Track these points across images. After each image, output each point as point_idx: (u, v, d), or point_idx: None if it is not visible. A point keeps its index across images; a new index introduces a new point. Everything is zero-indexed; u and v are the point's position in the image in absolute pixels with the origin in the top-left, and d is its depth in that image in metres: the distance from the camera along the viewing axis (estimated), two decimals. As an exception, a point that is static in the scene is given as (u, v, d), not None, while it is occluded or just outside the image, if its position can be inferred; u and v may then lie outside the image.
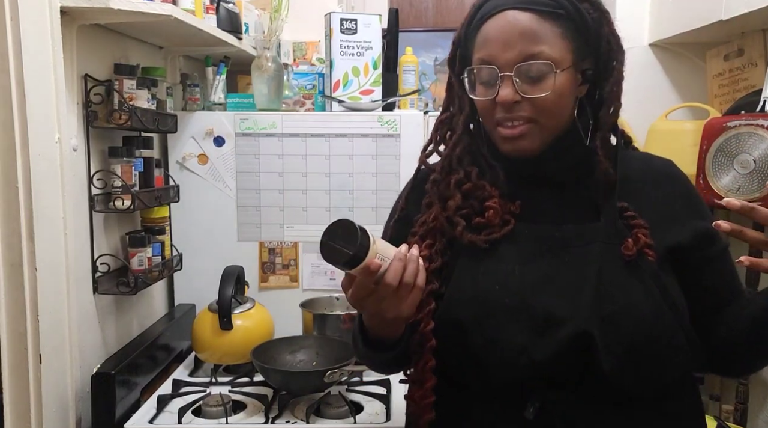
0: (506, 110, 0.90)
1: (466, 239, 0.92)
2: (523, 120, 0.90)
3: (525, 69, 0.87)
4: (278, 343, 1.59)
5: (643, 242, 0.87)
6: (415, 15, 3.03)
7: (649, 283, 0.87)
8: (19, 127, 1.19)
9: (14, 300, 1.22)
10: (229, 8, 1.83)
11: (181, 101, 1.93)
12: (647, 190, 0.95)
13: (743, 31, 1.70)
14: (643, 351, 0.86)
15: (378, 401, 1.48)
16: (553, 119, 0.91)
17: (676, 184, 0.97)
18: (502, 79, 0.88)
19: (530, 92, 0.88)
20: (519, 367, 0.87)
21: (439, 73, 3.06)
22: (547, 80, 0.87)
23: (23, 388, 1.24)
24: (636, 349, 0.85)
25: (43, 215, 1.25)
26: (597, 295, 0.86)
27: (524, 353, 0.86)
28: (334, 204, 1.89)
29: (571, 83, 0.90)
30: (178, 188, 1.81)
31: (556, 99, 0.88)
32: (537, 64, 0.87)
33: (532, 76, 0.87)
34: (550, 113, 0.89)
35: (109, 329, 1.59)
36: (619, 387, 0.87)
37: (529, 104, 0.89)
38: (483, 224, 0.93)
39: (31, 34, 1.20)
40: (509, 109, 0.89)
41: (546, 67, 0.87)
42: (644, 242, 0.87)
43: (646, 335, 0.86)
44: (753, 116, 1.51)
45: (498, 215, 0.92)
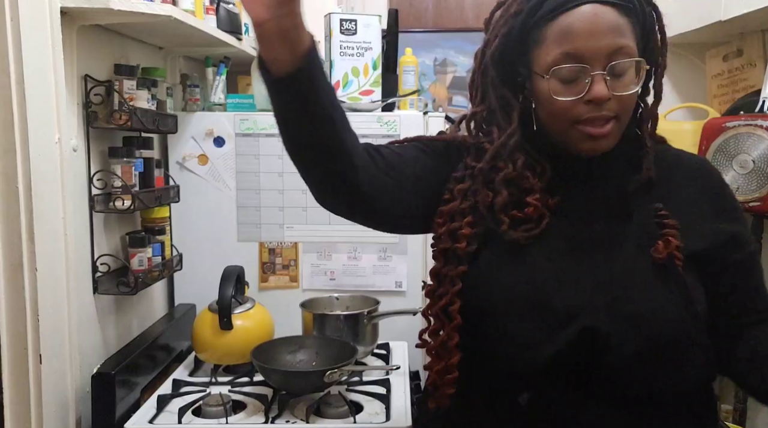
0: (596, 109, 0.86)
1: (510, 237, 0.91)
2: (609, 118, 0.87)
3: (614, 65, 0.85)
4: (278, 343, 1.58)
5: (673, 246, 0.86)
6: (415, 15, 3.03)
7: (674, 287, 0.86)
8: (19, 127, 1.19)
9: (14, 300, 1.23)
10: (229, 9, 1.83)
11: (181, 102, 1.93)
12: (677, 188, 0.94)
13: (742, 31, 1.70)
14: (655, 356, 0.86)
15: (378, 401, 1.48)
16: (629, 114, 0.90)
17: (706, 183, 0.96)
18: (593, 77, 0.85)
19: (618, 89, 0.86)
20: (527, 361, 0.88)
21: (439, 74, 3.06)
22: (630, 75, 0.87)
23: (23, 388, 1.24)
24: (649, 352, 0.85)
25: (43, 215, 1.25)
26: (619, 295, 0.86)
27: (535, 348, 0.87)
28: (334, 204, 1.89)
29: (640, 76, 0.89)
30: (178, 188, 1.81)
31: (636, 95, 0.89)
32: (624, 59, 0.85)
33: (618, 72, 0.86)
34: (630, 108, 0.89)
35: (109, 329, 1.60)
36: (624, 388, 0.87)
37: (616, 101, 0.86)
38: (521, 218, 0.92)
39: (31, 35, 1.20)
40: (599, 107, 0.86)
41: (636, 64, 0.86)
42: (675, 245, 0.86)
43: (663, 340, 0.86)
44: (752, 117, 1.51)
45: (538, 211, 0.91)
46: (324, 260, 1.92)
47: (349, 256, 1.91)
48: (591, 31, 0.85)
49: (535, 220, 0.91)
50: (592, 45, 0.85)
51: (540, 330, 0.87)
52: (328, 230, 1.90)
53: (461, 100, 3.08)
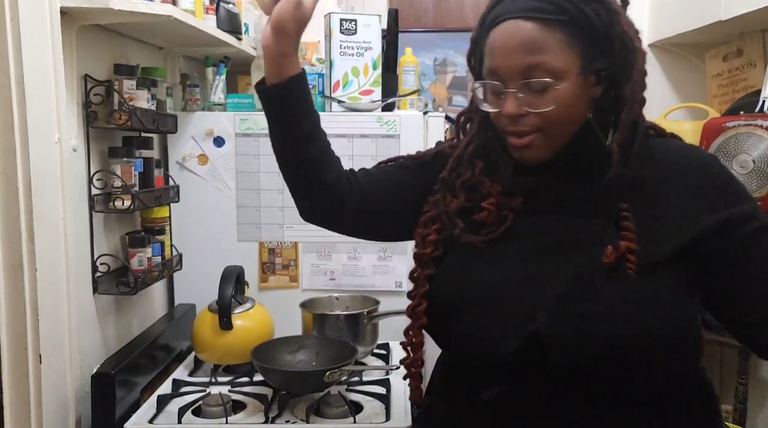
0: (512, 123, 0.90)
1: (464, 240, 0.96)
2: (530, 131, 0.89)
3: (527, 83, 0.87)
4: (278, 343, 1.58)
5: (623, 249, 0.85)
6: (415, 15, 3.03)
7: (627, 290, 0.85)
8: (19, 127, 1.19)
9: (14, 300, 1.23)
10: (229, 8, 1.83)
11: (181, 102, 1.93)
12: (663, 184, 0.91)
13: (742, 31, 1.70)
14: (604, 357, 0.86)
15: (378, 401, 1.48)
16: (561, 127, 0.90)
17: (698, 175, 0.91)
18: (506, 94, 0.88)
19: (534, 106, 0.87)
20: (489, 358, 0.92)
21: (439, 74, 3.06)
22: (551, 93, 0.86)
23: (23, 388, 1.24)
24: (597, 354, 0.85)
25: (43, 215, 1.25)
26: (570, 296, 0.87)
27: (496, 346, 0.90)
28: (334, 204, 1.89)
29: (579, 91, 0.88)
30: (178, 188, 1.81)
31: (562, 110, 0.87)
32: (536, 81, 0.86)
33: (536, 89, 0.87)
34: (556, 123, 0.89)
35: (109, 329, 1.60)
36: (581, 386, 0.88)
37: (535, 116, 0.88)
38: (480, 222, 0.95)
39: (31, 35, 1.20)
40: (515, 121, 0.89)
41: (547, 80, 0.86)
42: (625, 248, 0.85)
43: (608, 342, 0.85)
44: (752, 117, 1.51)
45: (493, 216, 0.94)
46: (324, 260, 1.92)
47: (349, 256, 1.91)
48: (505, 49, 0.87)
49: (497, 223, 0.94)
50: (505, 63, 0.88)
51: (500, 328, 0.90)
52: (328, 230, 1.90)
53: (461, 100, 3.08)
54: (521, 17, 0.86)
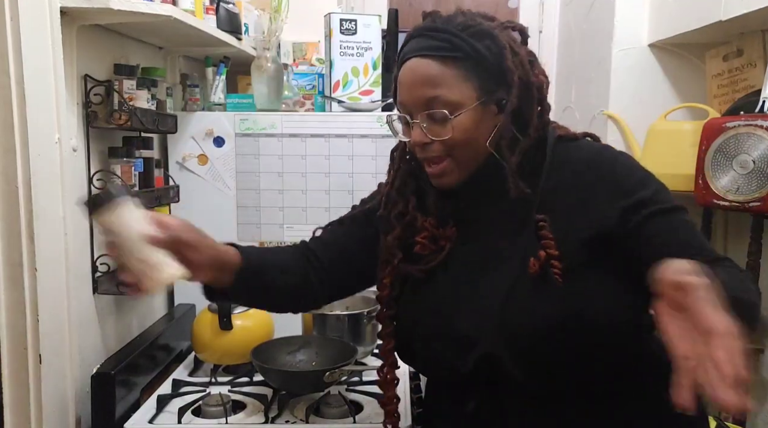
0: (422, 150, 0.97)
1: (404, 271, 1.03)
2: (439, 158, 0.96)
3: (428, 115, 0.94)
4: (278, 343, 1.58)
5: (544, 258, 0.89)
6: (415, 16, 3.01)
7: (556, 295, 0.89)
8: (19, 127, 1.19)
9: (14, 300, 1.23)
10: (229, 9, 1.83)
11: (181, 102, 1.93)
12: (567, 187, 0.95)
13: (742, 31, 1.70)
14: (547, 362, 0.90)
15: (378, 401, 1.48)
16: (466, 152, 0.96)
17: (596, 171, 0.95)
18: (413, 124, 0.97)
19: (437, 135, 0.95)
20: (451, 377, 1.00)
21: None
22: (450, 122, 0.93)
23: (23, 388, 1.24)
24: (540, 361, 0.90)
25: (43, 215, 1.25)
26: (505, 313, 0.91)
27: (453, 367, 0.97)
28: (334, 204, 1.89)
29: (477, 120, 0.94)
30: (178, 188, 1.81)
31: (462, 136, 0.94)
32: (435, 112, 0.94)
33: (436, 119, 0.94)
34: (461, 148, 0.95)
35: (109, 329, 1.60)
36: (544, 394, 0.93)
37: (439, 144, 0.95)
38: (418, 255, 1.01)
39: (31, 35, 1.20)
40: (423, 149, 0.97)
41: (444, 111, 0.93)
42: (545, 256, 0.89)
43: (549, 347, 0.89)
44: (752, 117, 1.51)
45: (427, 248, 1.00)
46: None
47: (349, 256, 1.91)
48: (409, 84, 0.96)
49: (435, 253, 1.00)
50: (409, 96, 0.96)
51: (452, 351, 0.96)
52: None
53: (461, 100, 3.08)
54: (421, 55, 0.95)
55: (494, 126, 0.96)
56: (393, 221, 1.04)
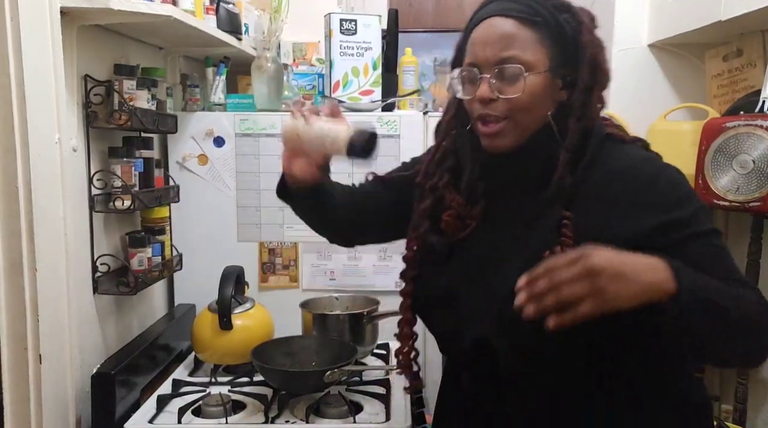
0: (482, 108, 0.97)
1: (428, 241, 1.06)
2: (498, 117, 0.97)
3: (500, 71, 0.95)
4: (278, 343, 1.59)
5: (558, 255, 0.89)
6: (415, 16, 3.03)
7: None
8: (19, 127, 1.19)
9: (14, 300, 1.23)
10: (229, 9, 1.83)
11: (181, 102, 1.93)
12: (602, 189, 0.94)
13: (742, 31, 1.70)
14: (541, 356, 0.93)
15: (378, 401, 1.48)
16: (527, 117, 0.97)
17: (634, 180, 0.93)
18: (481, 79, 0.97)
19: (504, 92, 0.95)
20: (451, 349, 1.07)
21: (439, 74, 3.06)
22: (520, 81, 0.94)
23: (23, 388, 1.24)
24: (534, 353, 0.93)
25: (43, 215, 1.25)
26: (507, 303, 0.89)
27: (453, 341, 1.03)
28: (334, 204, 1.89)
29: (545, 86, 0.96)
30: (178, 188, 1.81)
31: (528, 99, 0.95)
32: (509, 66, 0.94)
33: (507, 77, 0.95)
34: (523, 111, 0.96)
35: (109, 329, 1.60)
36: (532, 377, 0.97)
37: (504, 103, 0.96)
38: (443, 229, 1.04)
39: (31, 35, 1.20)
40: (485, 106, 0.97)
41: (517, 69, 0.94)
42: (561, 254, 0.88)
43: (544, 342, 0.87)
44: (752, 117, 1.51)
45: (451, 225, 1.03)
46: (324, 260, 1.92)
47: (349, 256, 1.91)
48: (484, 41, 0.97)
49: (458, 230, 1.03)
50: (482, 53, 0.97)
51: (453, 328, 1.02)
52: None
53: (461, 101, 3.08)
54: (499, 15, 0.96)
55: (555, 101, 0.97)
56: (426, 192, 1.08)
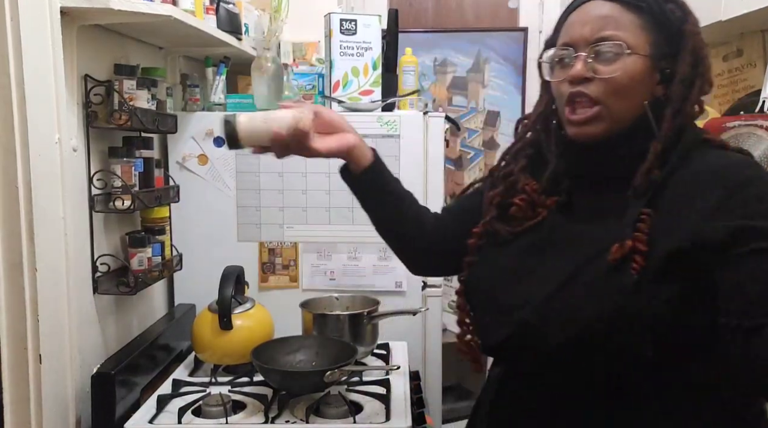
0: (573, 86, 0.93)
1: (492, 228, 1.03)
2: (590, 100, 0.92)
3: (598, 49, 0.91)
4: (278, 343, 1.59)
5: (628, 249, 0.84)
6: (415, 16, 3.03)
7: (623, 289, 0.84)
8: (19, 127, 1.19)
9: (14, 300, 1.23)
10: (229, 9, 1.83)
11: (181, 102, 1.93)
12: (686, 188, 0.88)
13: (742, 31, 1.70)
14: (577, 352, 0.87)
15: (378, 401, 1.48)
16: (621, 103, 0.92)
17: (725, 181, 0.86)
18: (576, 58, 0.93)
19: (600, 72, 0.91)
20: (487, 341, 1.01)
21: (439, 74, 3.06)
22: (619, 62, 0.90)
23: (23, 388, 1.24)
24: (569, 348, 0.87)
25: (43, 215, 1.25)
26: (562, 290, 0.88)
27: (490, 332, 0.98)
28: (334, 204, 1.89)
29: (644, 71, 0.91)
30: (178, 188, 1.81)
31: (626, 81, 0.91)
32: (609, 44, 0.90)
33: (604, 56, 0.91)
34: (618, 95, 0.91)
35: (109, 329, 1.60)
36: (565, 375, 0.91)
37: (599, 84, 0.91)
38: (511, 216, 1.01)
39: (31, 35, 1.20)
40: (577, 85, 0.93)
41: (617, 47, 0.90)
42: (630, 247, 0.84)
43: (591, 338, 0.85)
44: (752, 117, 1.51)
45: (522, 211, 0.99)
46: (324, 260, 1.92)
47: (349, 256, 1.91)
48: (583, 20, 0.94)
49: (526, 219, 0.99)
50: (580, 32, 0.93)
51: (492, 318, 0.98)
52: (328, 230, 1.90)
53: (461, 100, 3.08)
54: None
55: (651, 95, 0.93)
56: (498, 179, 1.06)
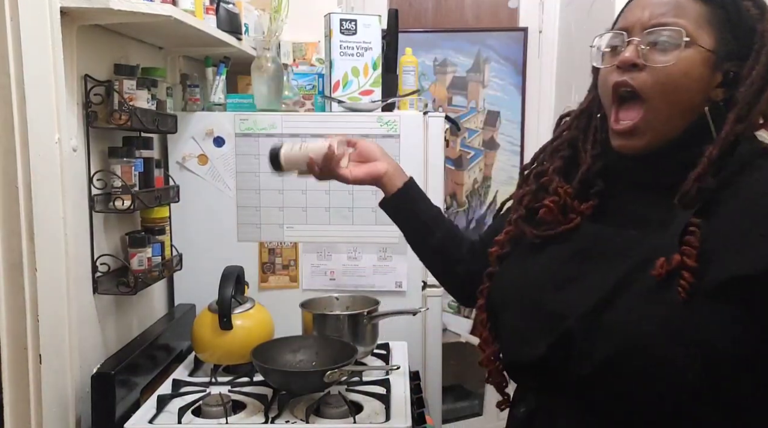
0: (622, 74, 0.84)
1: (519, 229, 0.96)
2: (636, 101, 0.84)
3: (654, 35, 0.83)
4: (278, 343, 1.59)
5: (675, 264, 0.76)
6: (415, 16, 3.03)
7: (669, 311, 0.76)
8: (19, 127, 1.19)
9: (14, 300, 1.22)
10: (229, 9, 1.83)
11: (181, 102, 1.93)
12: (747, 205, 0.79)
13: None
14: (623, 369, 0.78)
15: (378, 401, 1.48)
16: (669, 100, 0.82)
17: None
18: (628, 42, 0.84)
19: (653, 60, 0.82)
20: (521, 356, 0.90)
21: (439, 74, 3.06)
22: (675, 52, 0.81)
23: (23, 388, 1.24)
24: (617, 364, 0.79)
25: (43, 215, 1.25)
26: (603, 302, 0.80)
27: (527, 345, 0.88)
28: (334, 204, 1.89)
29: (703, 67, 0.82)
30: (178, 188, 1.81)
31: (679, 74, 0.81)
32: (667, 29, 0.82)
33: (660, 43, 0.82)
34: (667, 90, 0.82)
35: (109, 329, 1.60)
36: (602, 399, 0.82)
37: (649, 73, 0.83)
38: (541, 219, 0.93)
39: (31, 35, 1.20)
40: (624, 73, 0.84)
41: (676, 35, 0.81)
42: (677, 263, 0.76)
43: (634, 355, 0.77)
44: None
45: (552, 214, 0.92)
46: (324, 260, 1.92)
47: (349, 256, 1.91)
48: (644, 4, 0.85)
49: (558, 223, 0.92)
50: (639, 15, 0.85)
51: (532, 328, 0.88)
52: (328, 230, 1.90)
53: (461, 101, 3.08)
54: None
55: (708, 98, 0.83)
56: (530, 178, 0.99)
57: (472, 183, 3.11)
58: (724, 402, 0.78)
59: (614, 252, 0.84)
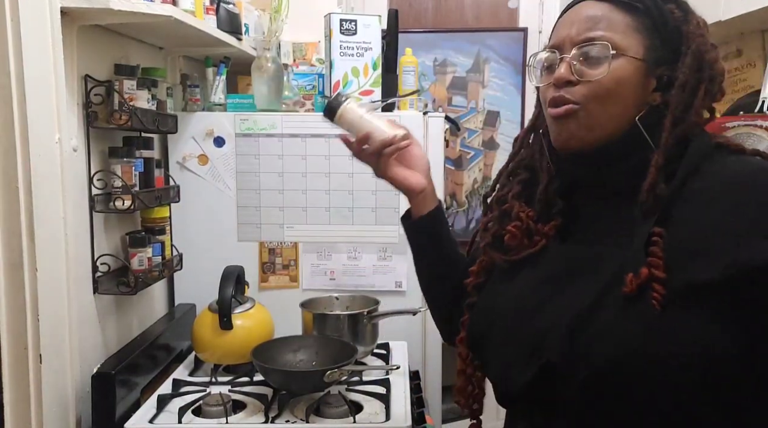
0: (557, 90, 0.87)
1: (488, 256, 0.97)
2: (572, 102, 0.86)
3: (584, 50, 0.85)
4: (278, 343, 1.59)
5: (645, 277, 0.76)
6: (415, 16, 3.03)
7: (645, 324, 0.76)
8: (19, 127, 1.20)
9: (14, 300, 1.23)
10: (229, 9, 1.83)
11: (181, 102, 1.93)
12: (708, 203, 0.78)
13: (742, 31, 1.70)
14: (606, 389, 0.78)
15: (378, 401, 1.48)
16: (604, 107, 0.84)
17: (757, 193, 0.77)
18: (561, 60, 0.87)
19: (585, 75, 0.84)
20: (506, 390, 0.91)
21: (439, 74, 3.06)
22: (605, 64, 0.83)
23: (23, 388, 1.24)
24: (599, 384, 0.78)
25: (43, 215, 1.25)
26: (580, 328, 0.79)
27: (507, 377, 0.88)
28: (334, 204, 1.89)
29: (634, 75, 0.84)
30: (178, 188, 1.81)
31: (611, 85, 0.83)
32: (595, 44, 0.84)
33: (591, 58, 0.84)
34: (601, 100, 0.84)
35: (109, 329, 1.60)
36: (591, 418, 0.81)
37: (583, 87, 0.85)
38: (507, 244, 0.94)
39: (32, 35, 1.20)
40: (562, 89, 0.86)
41: (603, 48, 0.83)
42: (646, 276, 0.76)
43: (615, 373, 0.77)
44: (752, 117, 1.51)
45: (516, 238, 0.92)
46: (324, 260, 1.92)
47: (349, 256, 1.92)
48: (572, 20, 0.88)
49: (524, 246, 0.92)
50: (567, 32, 0.87)
51: (514, 356, 0.87)
52: (328, 230, 1.90)
53: (461, 101, 3.08)
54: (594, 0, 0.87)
55: (644, 103, 0.85)
56: (493, 205, 1.00)
57: (472, 183, 3.12)
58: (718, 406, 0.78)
59: (584, 271, 0.84)
